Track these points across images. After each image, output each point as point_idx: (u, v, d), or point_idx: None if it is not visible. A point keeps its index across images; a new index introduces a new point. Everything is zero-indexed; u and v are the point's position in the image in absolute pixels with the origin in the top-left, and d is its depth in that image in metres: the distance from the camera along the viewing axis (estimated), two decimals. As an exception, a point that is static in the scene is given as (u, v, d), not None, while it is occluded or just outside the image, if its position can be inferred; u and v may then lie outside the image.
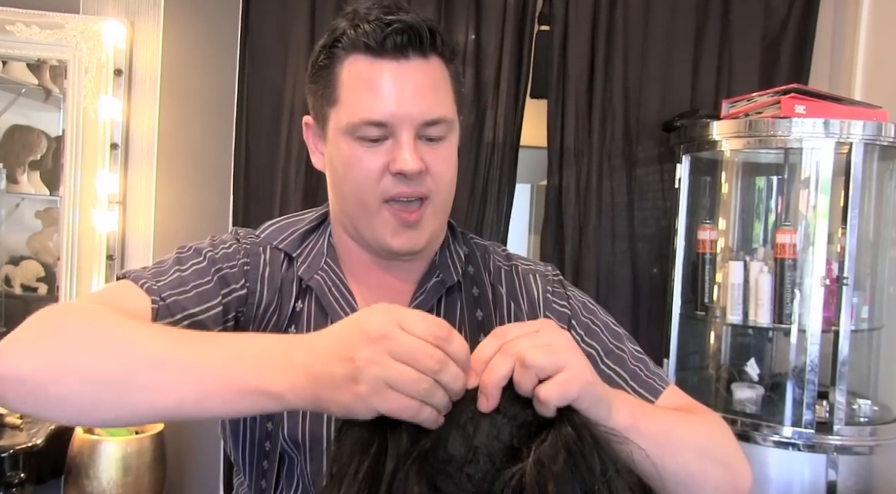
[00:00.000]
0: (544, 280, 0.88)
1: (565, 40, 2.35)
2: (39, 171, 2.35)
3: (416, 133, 0.74)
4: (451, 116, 0.77)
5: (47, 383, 0.59)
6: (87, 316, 0.64)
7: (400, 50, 0.73)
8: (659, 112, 2.37)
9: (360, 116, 0.73)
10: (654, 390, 0.81)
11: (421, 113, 0.74)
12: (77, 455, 2.03)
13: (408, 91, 0.73)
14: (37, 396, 0.59)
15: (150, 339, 0.61)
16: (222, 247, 0.81)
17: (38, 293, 2.37)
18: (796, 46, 2.44)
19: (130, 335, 0.61)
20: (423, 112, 0.74)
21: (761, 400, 2.00)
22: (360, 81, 0.74)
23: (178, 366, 0.58)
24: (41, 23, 2.27)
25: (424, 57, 0.75)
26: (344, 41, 0.75)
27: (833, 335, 1.88)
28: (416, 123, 0.74)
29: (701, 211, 2.24)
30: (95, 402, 0.59)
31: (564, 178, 2.35)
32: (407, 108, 0.73)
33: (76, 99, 2.29)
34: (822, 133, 1.85)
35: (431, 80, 0.75)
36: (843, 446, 1.84)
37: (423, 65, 0.75)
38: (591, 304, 0.88)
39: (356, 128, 0.74)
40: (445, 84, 0.77)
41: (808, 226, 1.90)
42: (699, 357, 2.33)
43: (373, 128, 0.74)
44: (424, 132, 0.75)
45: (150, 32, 2.36)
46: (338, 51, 0.76)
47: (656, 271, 2.39)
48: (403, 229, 0.77)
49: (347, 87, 0.75)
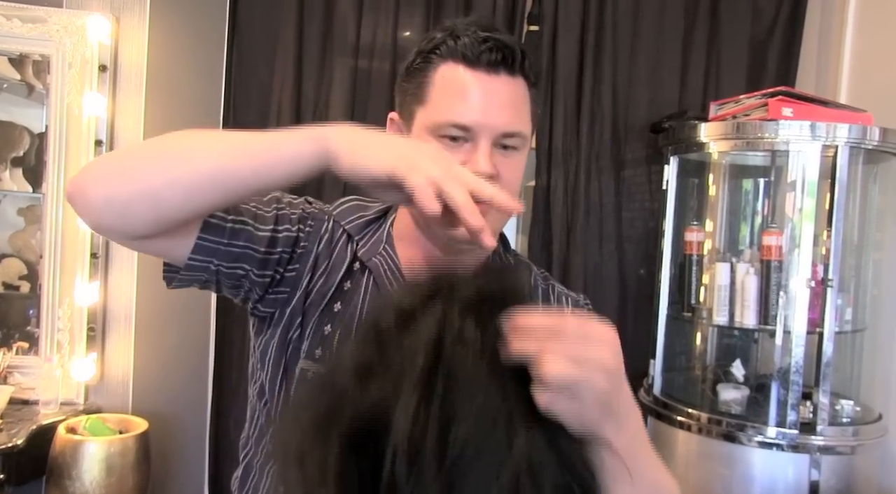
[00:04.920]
0: (574, 304, 0.95)
1: (554, 41, 2.35)
2: (22, 168, 2.32)
3: (494, 141, 0.81)
4: (526, 132, 0.84)
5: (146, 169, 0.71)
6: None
7: (493, 65, 0.80)
8: (647, 113, 2.38)
9: (448, 118, 0.80)
10: None
11: (502, 124, 0.80)
12: (59, 455, 2.01)
13: (494, 103, 0.80)
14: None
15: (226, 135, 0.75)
16: (290, 198, 0.88)
17: (20, 291, 2.34)
18: (783, 49, 2.46)
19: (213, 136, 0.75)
20: (504, 124, 0.80)
21: (746, 401, 2.02)
22: (452, 87, 0.81)
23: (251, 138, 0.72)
24: (23, 16, 2.24)
25: (512, 75, 0.81)
26: (442, 49, 0.82)
27: (817, 336, 1.90)
28: (496, 133, 0.80)
29: (688, 212, 2.25)
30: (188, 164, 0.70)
31: (552, 179, 2.36)
32: (490, 118, 0.80)
33: (60, 94, 2.26)
34: (808, 136, 1.87)
35: (515, 96, 0.82)
36: (826, 446, 1.85)
37: (511, 82, 0.81)
38: None
39: (441, 127, 0.80)
40: (525, 104, 0.84)
41: (794, 228, 1.92)
42: (685, 357, 2.34)
43: (457, 130, 0.80)
44: (501, 142, 0.81)
45: (136, 28, 2.34)
46: (434, 57, 0.82)
47: (643, 272, 2.40)
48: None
49: (439, 90, 0.82)
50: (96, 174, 0.72)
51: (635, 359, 2.19)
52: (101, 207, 0.70)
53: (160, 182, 0.70)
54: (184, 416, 2.40)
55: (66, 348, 2.28)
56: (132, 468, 2.06)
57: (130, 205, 0.70)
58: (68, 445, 2.01)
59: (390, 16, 2.32)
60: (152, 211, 0.70)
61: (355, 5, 2.31)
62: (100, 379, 2.34)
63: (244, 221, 0.80)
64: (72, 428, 2.09)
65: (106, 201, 0.70)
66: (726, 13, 2.43)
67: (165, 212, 0.71)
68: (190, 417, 2.39)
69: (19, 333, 2.32)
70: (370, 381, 0.53)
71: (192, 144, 0.73)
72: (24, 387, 2.22)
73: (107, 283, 2.36)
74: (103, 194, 0.70)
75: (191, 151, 0.72)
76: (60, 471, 1.99)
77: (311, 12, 2.29)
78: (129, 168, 0.72)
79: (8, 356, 2.24)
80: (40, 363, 2.26)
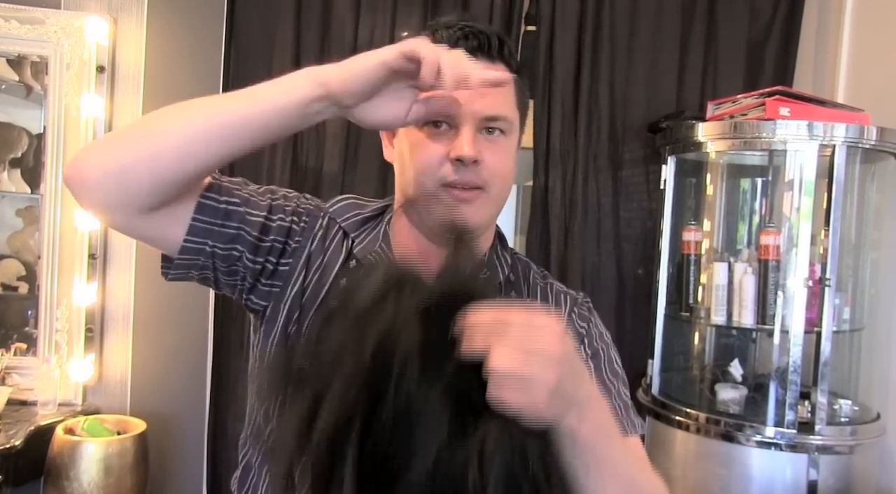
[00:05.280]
0: (573, 302, 0.94)
1: (552, 41, 2.35)
2: (20, 169, 2.32)
3: (477, 126, 0.81)
4: (511, 117, 0.85)
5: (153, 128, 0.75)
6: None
7: (470, 53, 0.79)
8: (645, 113, 2.38)
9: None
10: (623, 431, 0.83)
11: (482, 108, 0.81)
12: (57, 455, 2.01)
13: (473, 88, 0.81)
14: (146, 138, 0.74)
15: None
16: (285, 191, 0.90)
17: (18, 292, 2.34)
18: (781, 49, 2.46)
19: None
20: (485, 107, 0.81)
21: (744, 401, 2.02)
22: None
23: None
24: (21, 17, 2.24)
25: (491, 61, 0.83)
26: None
27: (815, 336, 1.90)
28: (478, 117, 0.81)
29: (686, 212, 2.25)
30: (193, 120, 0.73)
31: (550, 179, 2.36)
32: (470, 103, 0.80)
33: (58, 95, 2.26)
34: (805, 135, 1.87)
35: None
36: (825, 446, 1.85)
37: (490, 68, 0.81)
38: (606, 337, 0.92)
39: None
40: (508, 88, 0.84)
41: (791, 228, 1.92)
42: (683, 357, 2.34)
43: (440, 117, 0.81)
44: (485, 126, 0.82)
45: (134, 29, 2.34)
46: None
47: (641, 272, 2.40)
48: (457, 205, 0.82)
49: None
50: (93, 150, 0.75)
51: (633, 359, 2.18)
52: (100, 180, 0.72)
53: (158, 140, 0.72)
54: (182, 417, 2.40)
55: (64, 349, 2.28)
56: (130, 468, 2.06)
57: (128, 169, 0.72)
58: (66, 446, 2.01)
59: (388, 16, 2.32)
60: (149, 174, 0.72)
61: (353, 6, 2.31)
62: (98, 379, 2.34)
63: (237, 203, 0.81)
64: (70, 429, 2.09)
65: (104, 173, 0.72)
66: (723, 13, 2.43)
67: (163, 171, 0.72)
68: (188, 418, 2.39)
69: (17, 334, 2.32)
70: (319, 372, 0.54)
71: (184, 106, 0.75)
72: (22, 388, 2.22)
73: (105, 284, 2.36)
74: (101, 165, 0.72)
75: (185, 109, 0.74)
76: (58, 472, 1.99)
77: (309, 13, 2.29)
78: (126, 138, 0.76)
79: (6, 357, 2.24)
80: (38, 364, 2.26)
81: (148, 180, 0.72)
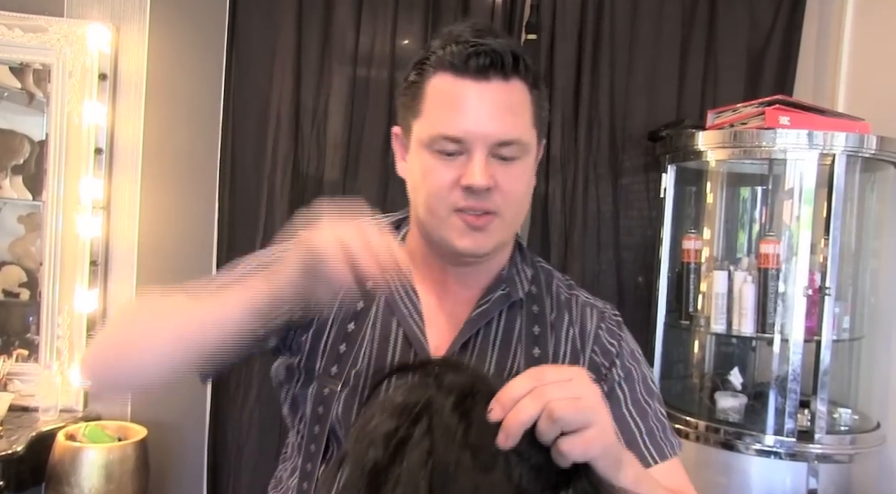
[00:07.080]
0: (600, 316, 0.90)
1: (552, 49, 2.36)
2: (22, 176, 2.33)
3: (490, 151, 0.78)
4: (526, 139, 0.80)
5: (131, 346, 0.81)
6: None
7: (482, 71, 0.77)
8: (645, 122, 2.39)
9: (439, 130, 0.78)
10: (662, 453, 0.84)
11: (495, 133, 0.77)
12: (58, 462, 2.01)
13: (485, 111, 0.77)
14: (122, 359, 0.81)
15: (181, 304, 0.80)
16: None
17: (19, 298, 2.35)
18: (781, 58, 2.47)
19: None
20: (498, 132, 0.77)
21: (744, 409, 2.02)
22: (442, 98, 0.79)
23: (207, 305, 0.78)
24: (24, 26, 2.25)
25: (505, 80, 0.78)
26: (433, 59, 0.80)
27: (815, 344, 1.90)
28: (490, 142, 0.77)
29: (686, 220, 2.26)
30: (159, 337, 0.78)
31: (550, 187, 2.36)
32: (482, 127, 0.77)
33: (60, 103, 2.27)
34: (805, 144, 1.87)
35: (510, 102, 0.79)
36: (824, 454, 1.85)
37: (504, 87, 0.78)
38: (638, 354, 0.91)
39: (434, 141, 0.78)
40: (524, 107, 0.80)
41: (791, 237, 1.92)
42: (683, 365, 2.34)
43: (449, 143, 0.78)
44: (498, 151, 0.78)
45: (136, 37, 2.35)
46: (426, 67, 0.81)
47: (641, 280, 2.40)
48: (470, 231, 0.80)
49: (430, 102, 0.80)
50: (90, 365, 0.85)
51: (633, 367, 2.18)
52: (108, 392, 0.87)
53: (140, 365, 0.80)
54: (182, 424, 2.40)
55: (65, 355, 2.29)
56: (131, 475, 2.06)
57: (123, 387, 0.92)
58: (67, 452, 2.01)
59: (389, 24, 2.33)
60: (142, 386, 0.85)
61: (354, 13, 2.32)
62: (99, 386, 2.34)
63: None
64: (71, 435, 2.09)
65: (109, 389, 0.88)
66: (723, 22, 2.44)
67: (153, 381, 0.80)
68: (188, 424, 2.39)
69: (19, 340, 2.33)
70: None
71: (155, 322, 0.80)
72: (23, 394, 2.22)
73: (106, 291, 2.36)
74: (104, 383, 0.87)
75: (155, 328, 0.79)
76: (59, 478, 2.00)
77: (310, 20, 2.30)
78: (111, 360, 0.82)
79: (8, 363, 2.24)
80: (40, 370, 2.26)
81: (144, 387, 0.84)
